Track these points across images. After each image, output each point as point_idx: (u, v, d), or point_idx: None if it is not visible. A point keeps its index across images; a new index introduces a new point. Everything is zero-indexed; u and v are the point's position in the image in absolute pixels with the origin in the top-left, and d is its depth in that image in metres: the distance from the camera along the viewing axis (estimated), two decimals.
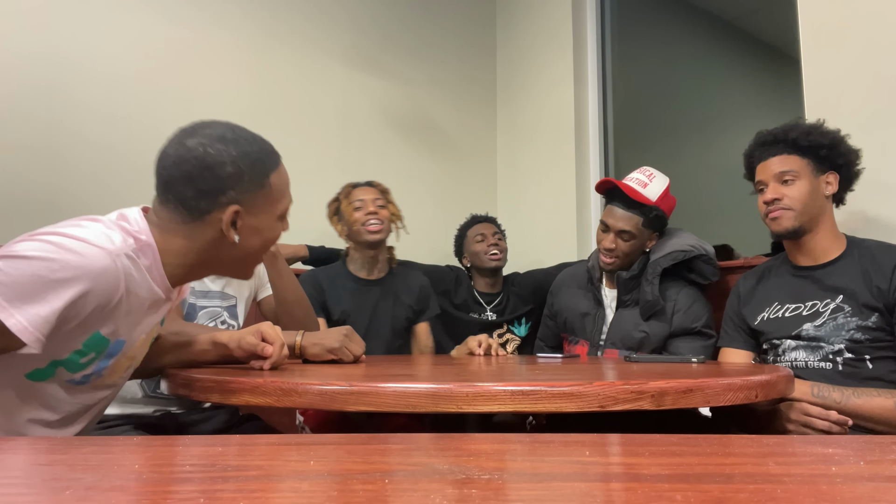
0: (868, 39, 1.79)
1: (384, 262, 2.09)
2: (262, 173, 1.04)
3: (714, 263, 1.86)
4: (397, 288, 2.08)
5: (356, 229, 1.97)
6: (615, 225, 1.81)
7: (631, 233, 1.80)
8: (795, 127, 1.53)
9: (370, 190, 2.04)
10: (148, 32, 2.25)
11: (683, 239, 1.87)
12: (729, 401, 0.94)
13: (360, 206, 1.97)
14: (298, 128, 2.61)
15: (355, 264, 2.05)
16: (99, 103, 2.13)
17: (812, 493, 0.36)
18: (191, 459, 0.46)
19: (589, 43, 3.00)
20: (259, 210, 1.05)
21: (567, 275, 2.10)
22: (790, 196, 1.49)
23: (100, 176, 2.11)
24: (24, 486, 0.38)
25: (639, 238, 1.82)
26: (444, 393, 0.84)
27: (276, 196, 1.08)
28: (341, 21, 2.77)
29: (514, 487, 0.38)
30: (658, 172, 1.89)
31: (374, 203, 1.98)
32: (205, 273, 1.11)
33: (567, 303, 2.00)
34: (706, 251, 1.85)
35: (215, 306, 1.54)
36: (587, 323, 1.92)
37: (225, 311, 1.57)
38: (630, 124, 3.16)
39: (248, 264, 1.12)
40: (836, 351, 1.44)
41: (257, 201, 1.05)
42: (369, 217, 1.95)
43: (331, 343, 1.32)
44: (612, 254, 1.82)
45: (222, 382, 0.95)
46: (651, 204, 1.80)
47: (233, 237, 1.02)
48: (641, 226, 1.80)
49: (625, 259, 1.83)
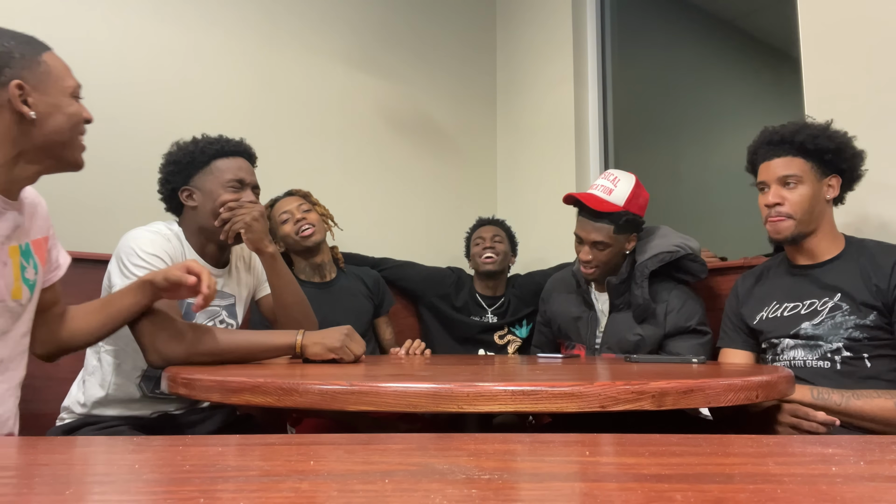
0: (868, 39, 1.79)
1: (331, 264, 2.12)
2: (32, 52, 1.11)
3: (701, 260, 1.85)
4: (352, 285, 2.12)
5: (291, 241, 2.00)
6: (587, 237, 1.80)
7: (604, 242, 1.78)
8: (803, 129, 1.50)
9: (291, 199, 2.06)
10: (147, 32, 2.25)
11: (668, 238, 1.86)
12: (730, 401, 0.94)
13: (287, 219, 2.00)
14: (298, 128, 2.61)
15: (304, 273, 2.07)
16: (99, 103, 2.13)
17: (812, 493, 0.36)
18: (190, 459, 0.46)
19: (589, 43, 3.00)
20: (45, 87, 1.10)
21: (555, 280, 2.10)
22: (791, 201, 1.48)
23: (100, 176, 2.11)
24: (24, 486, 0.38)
25: (614, 245, 1.80)
26: (445, 393, 0.84)
27: (56, 73, 1.13)
28: (341, 21, 2.77)
29: (514, 487, 0.38)
30: (622, 173, 1.83)
31: (299, 210, 2.01)
32: (34, 171, 1.13)
33: (558, 308, 2.01)
34: (692, 249, 1.84)
35: (213, 305, 1.54)
36: (581, 326, 1.92)
37: (223, 310, 1.57)
38: (630, 124, 3.16)
39: (67, 148, 1.14)
40: (834, 349, 1.44)
41: (40, 78, 1.09)
42: (299, 224, 1.98)
43: (332, 343, 1.32)
44: (591, 265, 1.81)
45: (223, 382, 0.95)
46: (619, 210, 1.76)
47: (28, 112, 1.06)
48: (613, 233, 1.78)
49: (605, 267, 1.82)
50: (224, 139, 1.54)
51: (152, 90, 2.25)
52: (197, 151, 1.50)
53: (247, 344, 1.32)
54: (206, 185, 1.49)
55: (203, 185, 1.49)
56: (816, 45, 1.90)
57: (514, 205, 3.13)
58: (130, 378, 1.47)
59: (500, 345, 2.29)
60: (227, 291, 1.59)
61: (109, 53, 2.16)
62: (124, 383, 1.47)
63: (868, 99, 1.78)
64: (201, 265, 1.21)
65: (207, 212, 1.48)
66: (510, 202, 3.16)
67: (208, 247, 1.53)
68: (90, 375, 1.48)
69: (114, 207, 2.13)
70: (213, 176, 1.49)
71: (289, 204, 2.04)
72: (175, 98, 2.29)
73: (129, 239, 1.41)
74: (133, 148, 2.19)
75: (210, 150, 1.50)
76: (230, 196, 1.47)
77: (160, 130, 2.25)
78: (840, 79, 1.84)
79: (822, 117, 1.56)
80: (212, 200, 1.47)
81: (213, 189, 1.48)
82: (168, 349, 1.25)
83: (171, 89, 2.29)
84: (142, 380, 1.48)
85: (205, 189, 1.49)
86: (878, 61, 1.77)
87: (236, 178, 1.49)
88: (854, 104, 1.80)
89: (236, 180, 1.49)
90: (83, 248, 1.99)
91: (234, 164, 1.51)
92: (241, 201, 1.49)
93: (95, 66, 2.13)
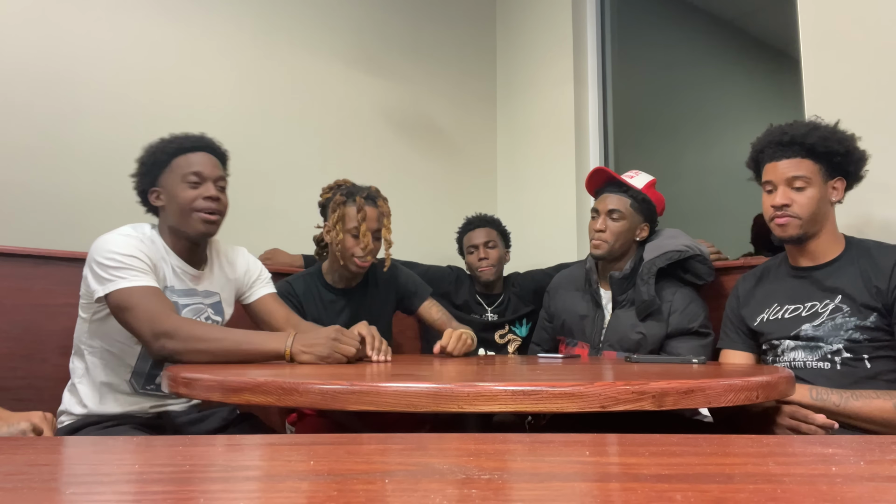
0: (868, 39, 1.79)
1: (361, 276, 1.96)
2: None
3: (709, 263, 1.86)
4: (376, 291, 2.00)
5: (346, 256, 1.81)
6: (604, 207, 1.85)
7: (620, 211, 1.83)
8: (813, 131, 1.48)
9: (373, 213, 1.82)
10: (146, 32, 2.25)
11: (678, 239, 1.87)
12: (730, 401, 0.94)
13: (356, 234, 1.79)
14: (299, 128, 2.61)
15: (332, 276, 1.92)
16: (99, 103, 2.13)
17: (812, 493, 0.36)
18: (190, 459, 0.46)
19: (589, 43, 3.00)
20: None
21: (564, 277, 2.10)
22: (800, 203, 1.47)
23: (100, 176, 2.11)
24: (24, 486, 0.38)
25: (628, 219, 1.84)
26: (446, 392, 0.84)
27: None
28: (342, 21, 2.77)
29: (514, 487, 0.38)
30: (642, 172, 1.96)
31: (369, 235, 1.79)
32: None
33: (565, 305, 2.00)
34: (701, 251, 1.85)
35: (197, 303, 1.56)
36: (586, 325, 1.91)
37: (209, 307, 1.59)
38: (630, 124, 3.16)
39: None
40: (834, 351, 1.44)
41: None
42: (362, 252, 1.79)
43: (321, 351, 1.32)
44: (602, 235, 1.83)
45: (224, 382, 0.95)
46: (638, 189, 1.86)
47: None
48: (630, 207, 1.84)
49: (614, 243, 1.83)
50: (184, 136, 1.55)
51: (152, 90, 2.25)
52: (158, 151, 1.52)
53: (236, 346, 1.32)
54: (169, 184, 1.50)
55: (166, 183, 1.51)
56: (816, 45, 1.90)
57: (514, 205, 3.13)
58: (120, 376, 1.49)
59: (501, 344, 2.29)
60: (210, 290, 1.60)
61: (109, 54, 2.16)
62: (115, 382, 1.48)
63: (868, 99, 1.78)
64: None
65: (172, 210, 1.50)
66: (510, 202, 3.16)
67: (182, 245, 1.54)
68: (80, 380, 1.50)
69: (113, 207, 2.13)
70: (173, 173, 1.50)
71: (369, 220, 1.80)
72: (175, 98, 2.29)
73: (100, 244, 1.41)
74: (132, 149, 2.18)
75: (170, 149, 1.52)
76: (190, 194, 1.48)
77: (160, 130, 2.25)
78: (840, 79, 1.84)
79: (823, 117, 1.55)
80: (174, 198, 1.49)
81: (173, 186, 1.49)
82: (169, 344, 1.28)
83: (170, 89, 2.29)
84: (132, 376, 1.49)
85: (168, 187, 1.50)
86: (879, 61, 1.77)
87: (193, 172, 1.49)
88: (854, 104, 1.80)
89: (193, 173, 1.49)
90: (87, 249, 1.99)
91: (193, 160, 1.51)
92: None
93: (96, 67, 2.13)
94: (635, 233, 1.87)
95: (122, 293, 1.34)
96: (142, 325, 1.31)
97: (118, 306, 1.34)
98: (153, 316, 1.31)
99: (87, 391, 1.48)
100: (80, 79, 2.09)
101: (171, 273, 1.51)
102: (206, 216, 1.49)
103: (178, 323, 1.31)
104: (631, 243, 1.88)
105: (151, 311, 1.31)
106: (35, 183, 1.97)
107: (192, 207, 1.48)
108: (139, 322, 1.31)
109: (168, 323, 1.30)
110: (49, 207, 2.00)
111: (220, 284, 1.63)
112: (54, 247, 1.91)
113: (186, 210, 1.48)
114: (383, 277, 2.01)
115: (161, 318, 1.30)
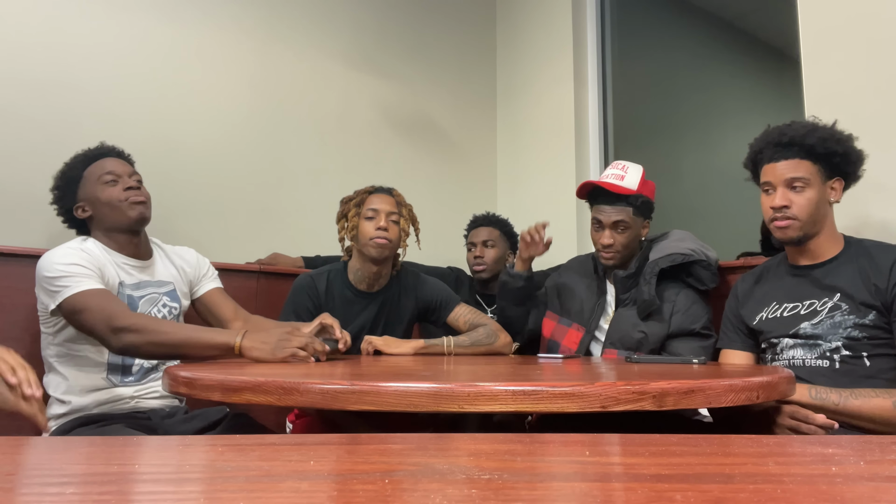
0: (868, 39, 1.79)
1: (386, 276, 1.91)
2: None
3: (713, 270, 1.84)
4: (397, 299, 1.93)
5: (363, 242, 1.80)
6: (608, 220, 1.83)
7: (625, 222, 1.82)
8: (812, 132, 1.47)
9: (386, 199, 1.84)
10: (147, 33, 2.25)
11: (685, 242, 1.87)
12: (730, 402, 0.94)
13: (372, 216, 1.80)
14: (298, 128, 2.61)
15: (355, 275, 1.87)
16: (99, 104, 2.13)
17: (812, 493, 0.36)
18: (191, 459, 0.46)
19: (589, 43, 3.00)
20: None
21: (575, 261, 2.11)
22: (799, 205, 1.47)
23: None
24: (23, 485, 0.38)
25: (633, 227, 1.84)
26: (446, 392, 0.84)
27: None
28: (341, 21, 2.77)
29: (513, 487, 0.38)
30: (629, 163, 1.91)
31: (387, 217, 1.79)
32: None
33: (570, 284, 2.00)
34: (707, 257, 1.84)
35: (152, 292, 1.63)
36: (585, 310, 1.92)
37: (164, 295, 1.65)
38: (630, 124, 3.17)
39: None
40: (833, 349, 1.44)
41: None
42: (378, 233, 1.77)
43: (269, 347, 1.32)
44: (612, 248, 1.84)
45: (223, 381, 0.95)
46: (634, 193, 1.83)
47: None
48: (633, 215, 1.84)
49: (624, 251, 1.85)
50: (87, 150, 1.66)
51: (152, 91, 2.25)
52: (69, 170, 1.63)
53: (188, 339, 1.35)
54: (89, 192, 1.60)
55: (86, 193, 1.61)
56: (816, 45, 1.90)
57: (514, 205, 3.13)
58: (97, 375, 1.53)
59: None
60: (163, 280, 1.67)
61: (109, 55, 2.16)
62: (93, 383, 1.53)
63: (868, 99, 1.78)
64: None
65: (101, 213, 1.59)
66: (510, 202, 3.16)
67: (122, 240, 1.61)
68: (55, 390, 1.53)
69: None
70: (89, 182, 1.61)
71: (382, 203, 1.81)
72: (175, 99, 2.29)
73: (43, 261, 1.48)
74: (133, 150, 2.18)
75: (78, 163, 1.63)
76: (112, 191, 1.58)
77: (160, 131, 2.26)
78: (840, 79, 1.84)
79: (822, 117, 1.55)
80: (98, 202, 1.58)
81: (94, 192, 1.59)
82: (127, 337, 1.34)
83: (170, 91, 2.29)
84: (108, 373, 1.54)
85: (89, 195, 1.60)
86: (879, 61, 1.77)
87: (107, 172, 1.60)
88: (854, 104, 1.80)
89: (107, 173, 1.60)
90: None
91: (104, 164, 1.62)
92: None
93: (96, 68, 2.13)
94: (640, 234, 1.89)
95: (72, 299, 1.40)
96: (97, 323, 1.37)
97: (72, 311, 1.40)
98: (109, 314, 1.36)
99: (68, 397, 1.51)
100: (81, 80, 2.09)
101: (119, 270, 1.58)
102: (134, 199, 1.58)
103: (133, 318, 1.37)
104: (637, 244, 1.89)
105: (106, 310, 1.37)
106: (35, 183, 1.97)
107: (119, 199, 1.57)
108: (94, 321, 1.37)
109: (124, 318, 1.35)
110: (49, 207, 2.00)
111: (172, 274, 1.69)
112: (54, 247, 1.91)
113: (114, 204, 1.57)
114: (408, 286, 1.95)
115: (116, 314, 1.36)
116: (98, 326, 1.37)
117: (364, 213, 1.81)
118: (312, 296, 1.82)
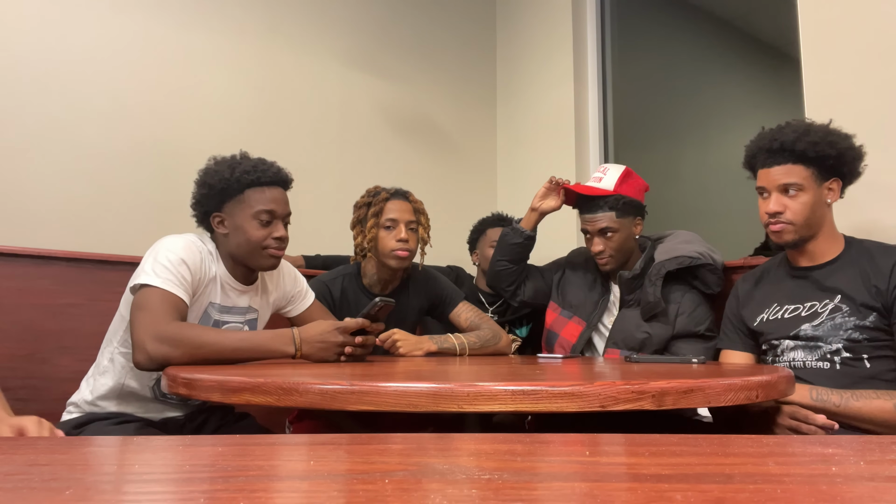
0: (868, 39, 1.79)
1: (399, 277, 1.92)
2: None
3: (719, 274, 1.84)
4: (408, 298, 1.94)
5: (383, 253, 1.79)
6: (594, 227, 1.83)
7: (610, 227, 1.82)
8: (803, 136, 1.45)
9: (405, 206, 1.81)
10: (147, 33, 2.25)
11: (692, 245, 1.86)
12: (730, 401, 0.94)
13: (390, 226, 1.78)
14: (298, 128, 2.61)
15: (370, 279, 1.87)
16: (99, 104, 2.13)
17: (812, 493, 0.36)
18: (191, 459, 0.46)
19: (589, 43, 3.00)
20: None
21: (581, 255, 2.09)
22: (793, 210, 1.47)
23: (100, 177, 2.11)
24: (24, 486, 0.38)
25: (621, 230, 1.83)
26: (446, 392, 0.84)
27: None
28: (341, 21, 2.77)
29: (513, 487, 0.38)
30: (612, 165, 1.91)
31: (406, 227, 1.78)
32: None
33: (574, 278, 2.01)
34: (714, 261, 1.83)
35: (235, 321, 1.53)
36: (588, 305, 1.92)
37: (245, 324, 1.56)
38: (630, 124, 3.17)
39: None
40: (833, 350, 1.44)
41: None
42: (399, 244, 1.76)
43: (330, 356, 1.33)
44: (604, 255, 1.84)
45: (223, 382, 0.95)
46: (611, 194, 1.82)
47: None
48: (616, 217, 1.82)
49: (618, 255, 1.84)
50: (261, 168, 1.48)
51: (152, 91, 2.25)
52: (232, 180, 1.45)
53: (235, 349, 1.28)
54: (237, 216, 1.46)
55: (234, 214, 1.46)
56: (816, 45, 1.90)
57: (514, 205, 3.13)
58: (144, 380, 1.47)
59: None
60: (252, 307, 1.57)
61: (109, 55, 2.16)
62: (137, 385, 1.46)
63: (868, 99, 1.78)
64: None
65: (238, 242, 1.46)
66: (510, 202, 3.16)
67: (238, 269, 1.52)
68: (101, 374, 1.48)
69: (114, 209, 2.13)
70: (244, 206, 1.45)
71: (400, 212, 1.79)
72: (175, 98, 2.29)
73: (165, 241, 1.40)
74: (133, 148, 2.18)
75: (245, 180, 1.46)
76: (261, 233, 1.45)
77: (160, 131, 2.26)
78: (840, 79, 1.84)
79: (823, 117, 1.55)
80: (241, 232, 1.45)
81: (243, 220, 1.45)
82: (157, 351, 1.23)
83: (170, 90, 2.29)
84: (156, 383, 1.48)
85: (235, 219, 1.46)
86: (878, 61, 1.77)
87: (266, 210, 1.45)
88: (854, 104, 1.80)
89: (266, 212, 1.45)
90: (86, 249, 1.99)
91: (267, 196, 1.46)
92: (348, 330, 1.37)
93: (96, 67, 2.13)
94: (632, 233, 1.87)
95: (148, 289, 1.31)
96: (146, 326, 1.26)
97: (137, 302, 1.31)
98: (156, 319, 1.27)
99: (105, 386, 1.46)
100: (81, 80, 2.09)
101: (219, 288, 1.48)
102: (273, 252, 1.47)
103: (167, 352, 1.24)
104: (632, 243, 1.88)
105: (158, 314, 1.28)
106: (35, 183, 1.97)
107: (262, 245, 1.45)
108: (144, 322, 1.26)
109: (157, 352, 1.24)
110: (49, 207, 2.00)
111: (262, 303, 1.61)
112: (54, 247, 1.92)
113: (255, 247, 1.45)
114: (418, 284, 1.95)
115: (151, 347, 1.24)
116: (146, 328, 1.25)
117: (382, 222, 1.78)
118: (328, 302, 1.83)
